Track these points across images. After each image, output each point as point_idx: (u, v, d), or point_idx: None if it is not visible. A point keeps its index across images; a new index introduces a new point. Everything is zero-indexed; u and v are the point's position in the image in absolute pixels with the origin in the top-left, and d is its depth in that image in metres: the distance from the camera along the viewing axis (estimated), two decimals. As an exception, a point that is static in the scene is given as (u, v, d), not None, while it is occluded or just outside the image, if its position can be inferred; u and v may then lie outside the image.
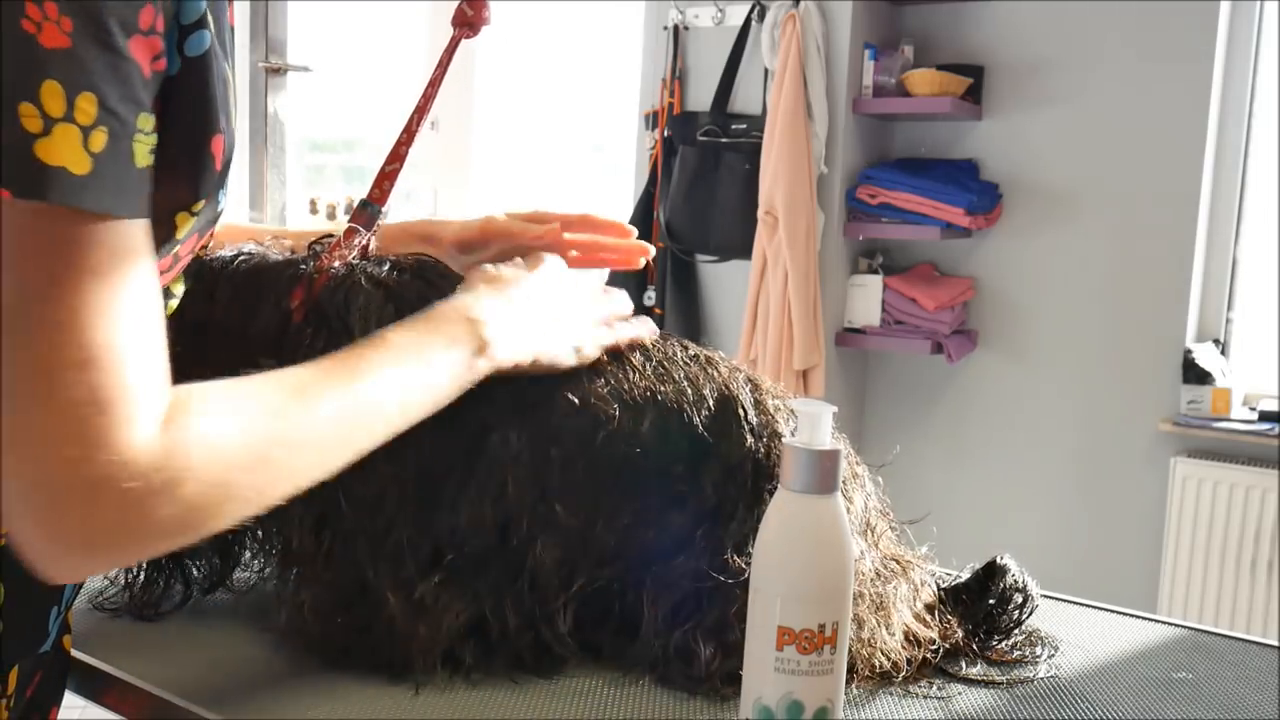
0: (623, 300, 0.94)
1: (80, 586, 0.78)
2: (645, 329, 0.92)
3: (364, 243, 0.92)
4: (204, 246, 0.81)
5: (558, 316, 0.87)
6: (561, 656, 0.86)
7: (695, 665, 0.83)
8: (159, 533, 0.62)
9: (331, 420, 0.69)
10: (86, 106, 0.56)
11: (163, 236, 0.68)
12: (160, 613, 0.95)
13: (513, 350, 0.82)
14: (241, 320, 0.86)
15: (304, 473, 0.68)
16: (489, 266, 0.88)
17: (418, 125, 0.95)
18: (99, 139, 0.57)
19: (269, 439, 0.65)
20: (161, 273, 0.73)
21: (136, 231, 0.60)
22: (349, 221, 0.92)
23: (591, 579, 0.85)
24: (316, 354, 0.83)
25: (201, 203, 0.69)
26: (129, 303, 0.59)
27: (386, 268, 0.88)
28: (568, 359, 0.86)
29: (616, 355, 0.90)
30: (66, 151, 0.56)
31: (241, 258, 0.90)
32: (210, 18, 0.66)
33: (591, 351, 0.87)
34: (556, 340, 0.85)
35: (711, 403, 0.87)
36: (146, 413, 0.59)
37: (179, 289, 0.80)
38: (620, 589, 0.86)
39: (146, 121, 0.60)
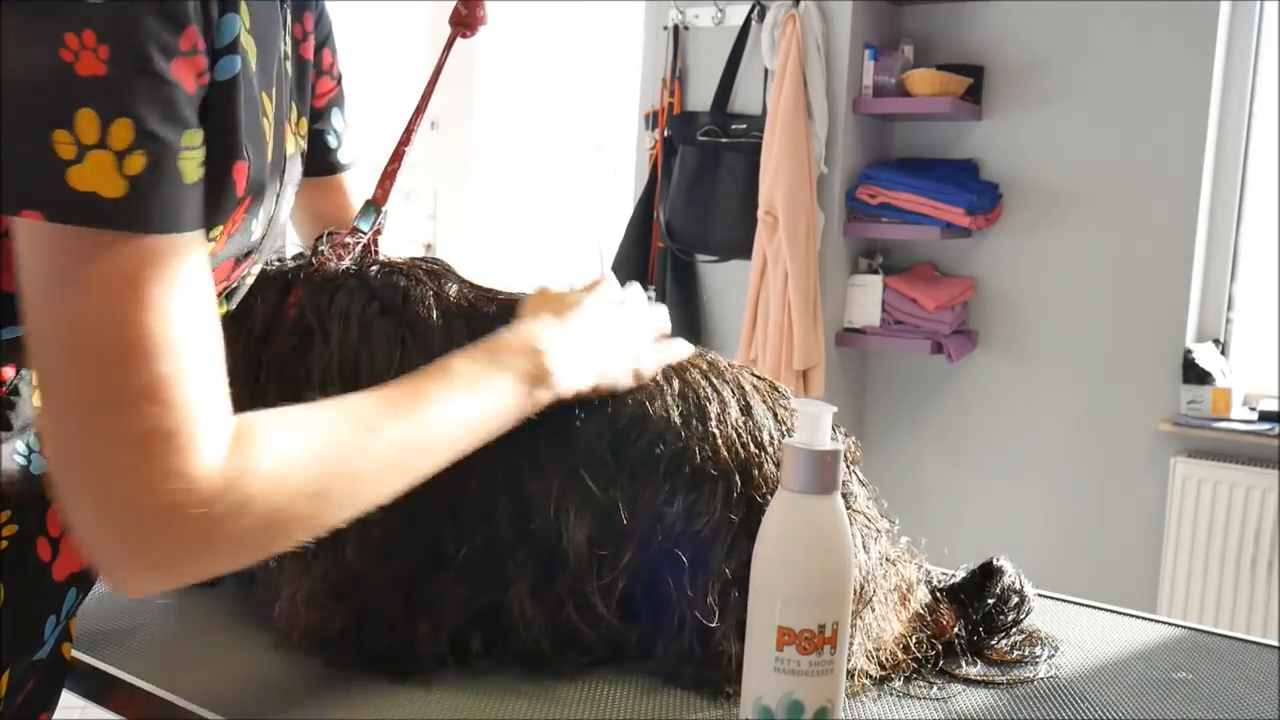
0: (664, 317, 0.94)
1: (84, 597, 0.78)
2: (686, 348, 0.92)
3: (364, 242, 0.92)
4: (248, 274, 0.81)
5: (616, 339, 0.87)
6: (585, 647, 0.85)
7: (724, 665, 0.82)
8: (226, 555, 0.64)
9: (391, 449, 0.70)
10: (122, 132, 0.57)
11: None
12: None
13: (574, 379, 0.82)
14: (242, 310, 0.86)
15: (363, 499, 0.70)
16: (550, 289, 0.88)
17: (416, 125, 0.95)
18: (136, 162, 0.57)
19: (330, 467, 0.67)
20: None
21: (188, 245, 0.61)
22: (352, 222, 0.93)
23: (624, 561, 0.84)
24: (297, 351, 0.84)
25: (219, 229, 0.68)
26: (185, 323, 0.60)
27: (375, 268, 0.89)
28: (626, 381, 0.86)
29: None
30: (98, 177, 0.56)
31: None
32: (247, 46, 0.65)
33: (649, 372, 0.87)
34: (617, 364, 0.85)
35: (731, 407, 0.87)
36: (211, 440, 0.61)
37: (220, 311, 0.80)
38: (651, 579, 0.85)
39: (193, 138, 0.60)
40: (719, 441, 0.85)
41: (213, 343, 0.63)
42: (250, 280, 0.83)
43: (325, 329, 0.85)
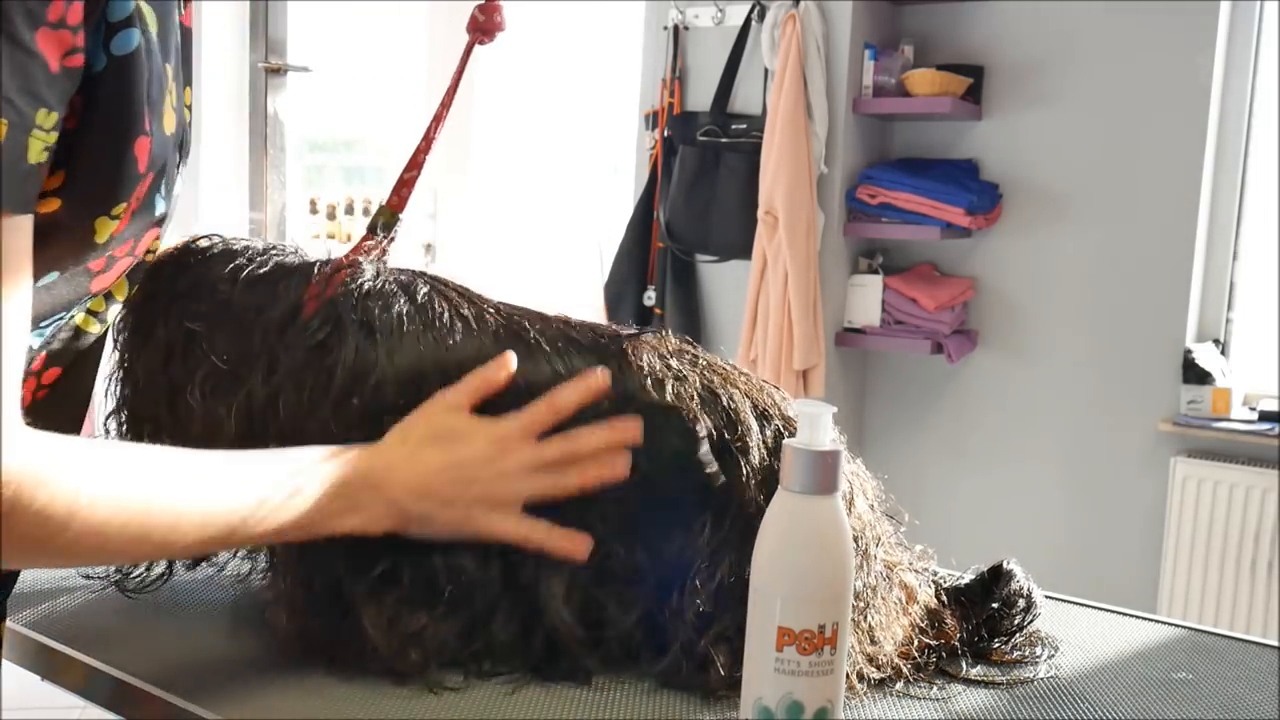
0: (589, 436, 0.83)
1: (15, 580, 0.77)
2: (617, 468, 0.82)
3: (381, 248, 0.92)
4: (150, 251, 0.78)
5: (484, 491, 0.81)
6: (576, 665, 0.86)
7: (713, 674, 0.82)
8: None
9: (191, 524, 0.70)
10: None
11: (78, 239, 0.66)
12: (145, 589, 0.96)
13: (419, 528, 0.80)
14: (256, 305, 0.85)
15: (154, 550, 0.70)
16: (438, 415, 0.82)
17: (435, 133, 0.94)
18: None
19: (140, 517, 0.66)
20: (96, 273, 0.71)
21: (22, 226, 0.58)
22: (367, 228, 0.92)
23: (604, 601, 0.85)
24: (321, 346, 0.84)
25: (122, 206, 0.67)
26: (8, 307, 0.58)
27: (425, 288, 0.87)
28: (478, 530, 0.82)
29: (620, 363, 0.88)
30: None
31: (274, 251, 0.89)
32: (147, 16, 0.64)
33: (513, 509, 0.82)
34: (468, 517, 0.81)
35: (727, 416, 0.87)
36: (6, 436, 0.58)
37: (121, 294, 0.78)
38: (638, 602, 0.85)
39: (47, 119, 0.58)
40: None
41: (23, 326, 0.61)
42: (151, 258, 0.80)
43: (371, 327, 0.84)
